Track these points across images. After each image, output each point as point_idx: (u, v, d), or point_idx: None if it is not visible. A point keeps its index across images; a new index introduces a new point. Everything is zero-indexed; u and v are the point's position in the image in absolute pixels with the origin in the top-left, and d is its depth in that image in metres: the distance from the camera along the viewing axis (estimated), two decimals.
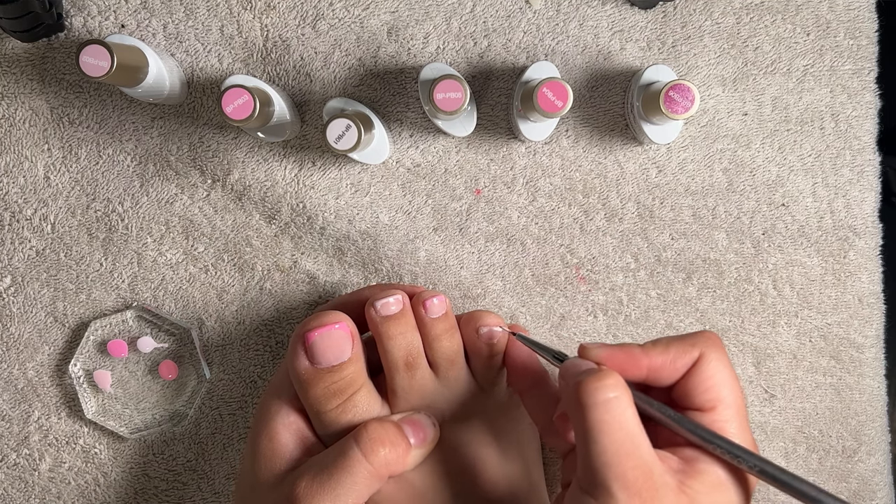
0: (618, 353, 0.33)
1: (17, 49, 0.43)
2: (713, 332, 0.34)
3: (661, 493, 0.29)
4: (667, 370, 0.33)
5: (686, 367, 0.33)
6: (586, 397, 0.30)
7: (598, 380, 0.30)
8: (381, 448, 0.35)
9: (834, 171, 0.45)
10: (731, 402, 0.33)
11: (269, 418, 0.38)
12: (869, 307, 0.46)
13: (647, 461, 0.30)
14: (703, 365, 0.33)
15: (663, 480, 0.29)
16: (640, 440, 0.30)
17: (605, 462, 0.29)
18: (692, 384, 0.33)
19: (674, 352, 0.33)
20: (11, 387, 0.44)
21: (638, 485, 0.29)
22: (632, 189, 0.44)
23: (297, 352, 0.37)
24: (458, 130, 0.42)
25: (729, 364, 0.33)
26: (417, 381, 0.38)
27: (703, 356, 0.33)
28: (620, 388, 0.30)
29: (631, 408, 0.30)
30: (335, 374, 0.36)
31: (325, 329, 0.37)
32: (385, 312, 0.38)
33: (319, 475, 0.35)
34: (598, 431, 0.30)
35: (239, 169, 0.43)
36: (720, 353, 0.33)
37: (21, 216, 0.44)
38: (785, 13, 0.44)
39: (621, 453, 0.29)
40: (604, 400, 0.30)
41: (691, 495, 0.30)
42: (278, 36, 0.43)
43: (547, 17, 0.43)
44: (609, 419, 0.30)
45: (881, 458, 0.47)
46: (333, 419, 0.37)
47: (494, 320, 0.39)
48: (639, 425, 0.30)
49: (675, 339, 0.34)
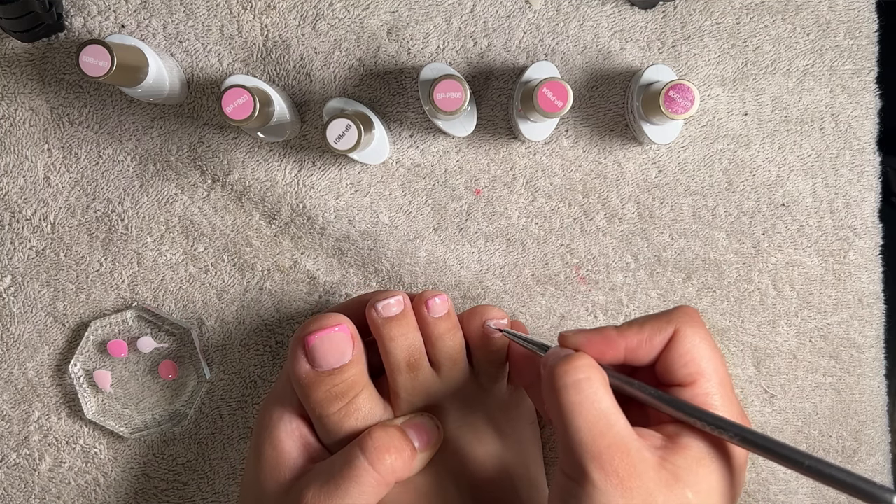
0: (594, 338, 0.34)
1: (17, 49, 0.43)
2: (690, 307, 0.34)
3: (640, 469, 0.29)
4: (643, 349, 0.33)
5: (662, 344, 0.33)
6: (557, 380, 0.30)
7: (568, 362, 0.31)
8: (387, 455, 0.35)
9: (834, 171, 0.45)
10: (712, 374, 0.32)
11: (272, 426, 0.38)
12: (869, 307, 0.46)
13: (624, 439, 0.29)
14: (679, 340, 0.33)
15: (641, 457, 0.29)
16: (615, 419, 0.30)
17: (579, 442, 0.29)
18: (671, 360, 0.33)
19: (648, 330, 0.33)
20: (11, 387, 0.44)
21: (614, 463, 0.29)
22: (632, 189, 0.44)
23: (297, 355, 0.37)
24: (458, 130, 0.42)
25: (708, 337, 0.33)
26: (420, 382, 0.38)
27: (678, 331, 0.33)
28: (591, 370, 0.31)
29: (603, 387, 0.30)
30: (336, 377, 0.36)
31: (325, 332, 0.36)
32: (386, 314, 0.38)
33: (326, 485, 0.35)
34: (570, 413, 0.30)
35: (239, 169, 0.43)
36: (697, 327, 0.33)
37: (21, 216, 0.44)
38: (785, 13, 0.44)
39: (595, 432, 0.29)
40: (574, 381, 0.30)
41: (673, 471, 0.30)
42: (278, 36, 0.43)
43: (547, 17, 0.43)
44: (581, 399, 0.30)
45: (881, 458, 0.47)
46: (336, 423, 0.37)
47: (499, 314, 0.39)
48: (613, 404, 0.30)
49: (650, 318, 0.34)
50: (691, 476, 0.30)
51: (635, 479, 0.29)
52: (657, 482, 0.29)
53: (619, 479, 0.29)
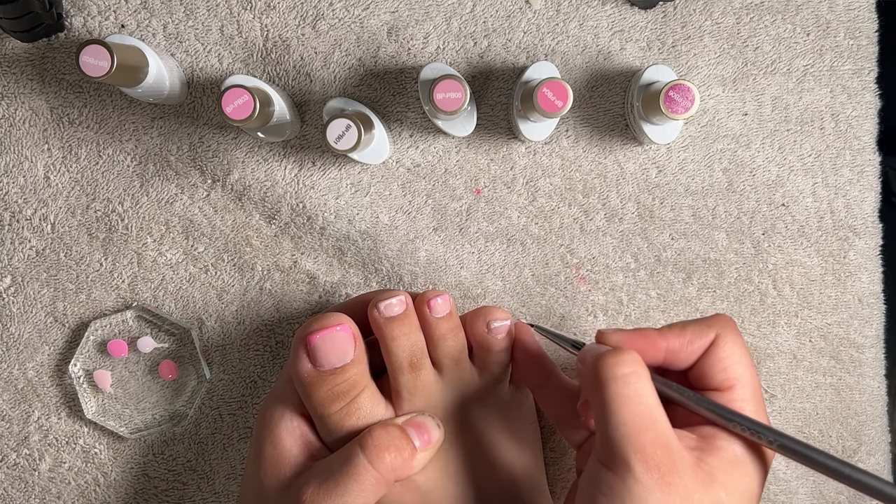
0: (635, 337, 0.34)
1: (17, 49, 0.43)
2: (728, 315, 0.36)
3: (679, 466, 0.30)
4: (684, 352, 0.34)
5: (702, 349, 0.34)
6: (606, 372, 0.31)
7: (617, 355, 0.31)
8: (387, 454, 0.35)
9: (834, 171, 0.45)
10: (748, 382, 0.34)
11: (273, 424, 0.38)
12: (869, 307, 0.46)
13: (666, 436, 0.30)
14: (719, 346, 0.34)
15: (681, 455, 0.30)
16: (658, 415, 0.31)
17: (623, 435, 0.30)
18: (709, 365, 0.34)
19: (690, 334, 0.34)
20: (11, 387, 0.44)
21: (656, 458, 0.30)
22: (632, 189, 0.44)
23: (299, 355, 0.37)
24: (458, 130, 0.42)
25: (744, 345, 0.34)
26: (422, 382, 0.38)
27: (718, 337, 0.34)
28: (639, 364, 0.32)
29: (650, 384, 0.31)
30: (338, 376, 0.36)
31: (326, 331, 0.36)
32: (388, 313, 0.38)
33: (325, 483, 0.35)
34: (617, 405, 0.30)
35: (239, 169, 0.43)
36: (735, 334, 0.34)
37: (21, 216, 0.44)
38: (785, 13, 0.44)
39: (640, 427, 0.30)
40: (623, 374, 0.31)
41: (708, 471, 0.30)
42: (278, 36, 0.43)
43: (547, 17, 0.43)
44: (628, 392, 0.31)
45: (881, 458, 0.47)
46: (337, 422, 0.37)
47: (503, 315, 0.39)
48: (657, 401, 0.31)
49: (691, 323, 0.35)
50: (726, 477, 0.31)
51: (675, 475, 0.30)
52: (695, 481, 0.30)
53: (660, 473, 0.29)
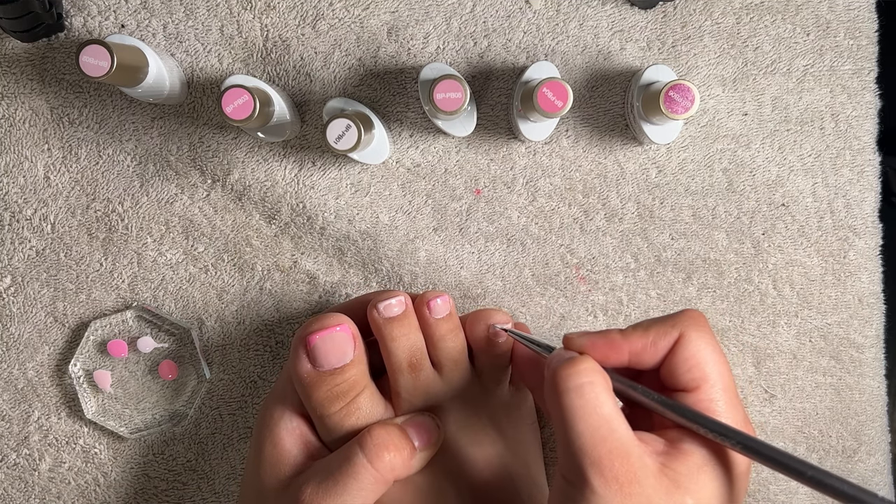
0: (598, 341, 0.33)
1: (17, 49, 0.43)
2: (696, 310, 0.34)
3: (640, 475, 0.29)
4: (648, 353, 0.33)
5: (667, 348, 0.33)
6: (560, 383, 0.30)
7: (572, 366, 0.30)
8: (386, 453, 0.35)
9: (834, 171, 0.45)
10: (717, 380, 0.32)
11: (273, 424, 0.38)
12: (869, 307, 0.46)
13: (625, 444, 0.29)
14: (684, 344, 0.32)
15: (642, 463, 0.29)
16: (616, 424, 0.30)
17: (580, 447, 0.29)
18: (675, 364, 0.32)
19: (653, 333, 0.33)
20: (11, 387, 0.44)
21: (615, 469, 0.28)
22: (632, 189, 0.44)
23: (298, 355, 0.37)
24: (458, 130, 0.42)
25: (713, 342, 0.33)
26: (421, 382, 0.38)
27: (683, 336, 0.32)
28: (595, 374, 0.30)
29: (606, 392, 0.30)
30: (338, 376, 0.36)
31: (326, 332, 0.36)
32: (388, 314, 0.38)
33: (325, 481, 0.35)
34: (572, 417, 0.29)
35: (239, 169, 0.43)
36: (702, 331, 0.33)
37: (21, 216, 0.44)
38: (785, 13, 0.44)
39: (596, 438, 0.29)
40: (577, 385, 0.30)
41: (673, 477, 0.29)
42: (278, 36, 0.43)
43: (547, 17, 0.43)
44: (582, 404, 0.30)
45: (881, 458, 0.47)
46: (337, 422, 0.37)
47: (504, 318, 0.39)
48: (615, 409, 0.30)
49: (656, 321, 0.33)
50: (692, 483, 0.30)
51: (635, 485, 0.28)
52: (657, 489, 0.29)
53: (618, 484, 0.28)
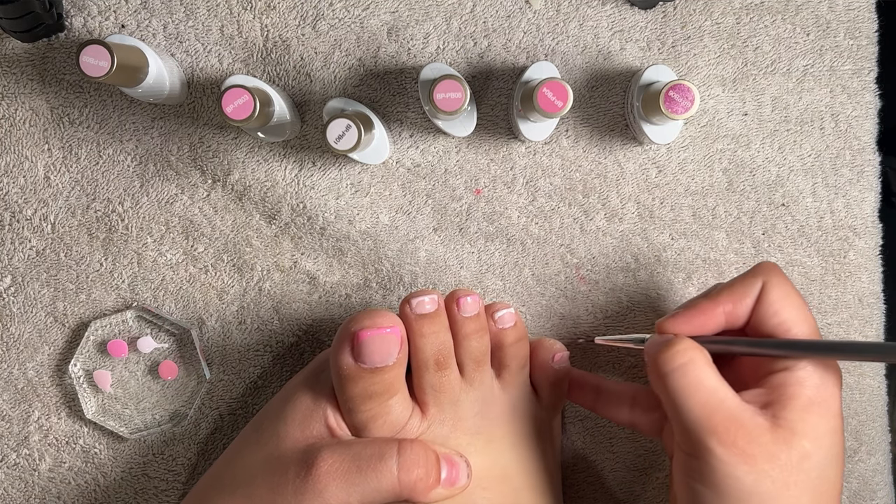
0: (692, 315, 0.35)
1: (17, 49, 0.43)
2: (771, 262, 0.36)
3: (756, 434, 0.31)
4: (739, 308, 0.35)
5: (754, 299, 0.35)
6: (662, 367, 0.33)
7: (669, 349, 0.33)
8: (416, 469, 0.35)
9: (834, 171, 0.45)
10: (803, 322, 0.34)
11: (299, 400, 0.38)
12: (869, 307, 0.46)
13: (735, 411, 0.31)
14: (767, 292, 0.34)
15: (755, 423, 0.31)
16: (724, 393, 0.32)
17: (694, 421, 0.31)
18: (762, 314, 0.34)
19: (739, 288, 0.35)
20: (11, 387, 0.44)
21: (732, 434, 0.31)
22: (632, 189, 0.44)
23: (343, 347, 0.36)
24: (458, 130, 0.42)
25: (793, 288, 0.35)
26: (447, 381, 0.38)
27: (766, 284, 0.35)
28: (693, 350, 0.33)
29: (707, 366, 0.32)
30: (377, 375, 0.36)
31: (378, 331, 0.36)
32: (420, 311, 0.38)
33: (348, 462, 0.35)
34: (680, 396, 0.32)
35: (239, 169, 0.43)
36: (782, 277, 0.35)
37: (21, 216, 0.44)
38: (785, 13, 0.44)
39: (708, 410, 0.31)
40: (678, 366, 0.32)
41: (786, 426, 0.31)
42: (278, 36, 0.43)
43: (547, 17, 0.43)
44: (687, 382, 0.32)
45: (881, 458, 0.47)
46: (365, 420, 0.37)
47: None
48: (719, 380, 0.32)
49: (736, 278, 0.36)
50: (804, 425, 0.32)
51: (755, 445, 0.31)
52: (776, 442, 0.31)
53: (738, 448, 0.31)
